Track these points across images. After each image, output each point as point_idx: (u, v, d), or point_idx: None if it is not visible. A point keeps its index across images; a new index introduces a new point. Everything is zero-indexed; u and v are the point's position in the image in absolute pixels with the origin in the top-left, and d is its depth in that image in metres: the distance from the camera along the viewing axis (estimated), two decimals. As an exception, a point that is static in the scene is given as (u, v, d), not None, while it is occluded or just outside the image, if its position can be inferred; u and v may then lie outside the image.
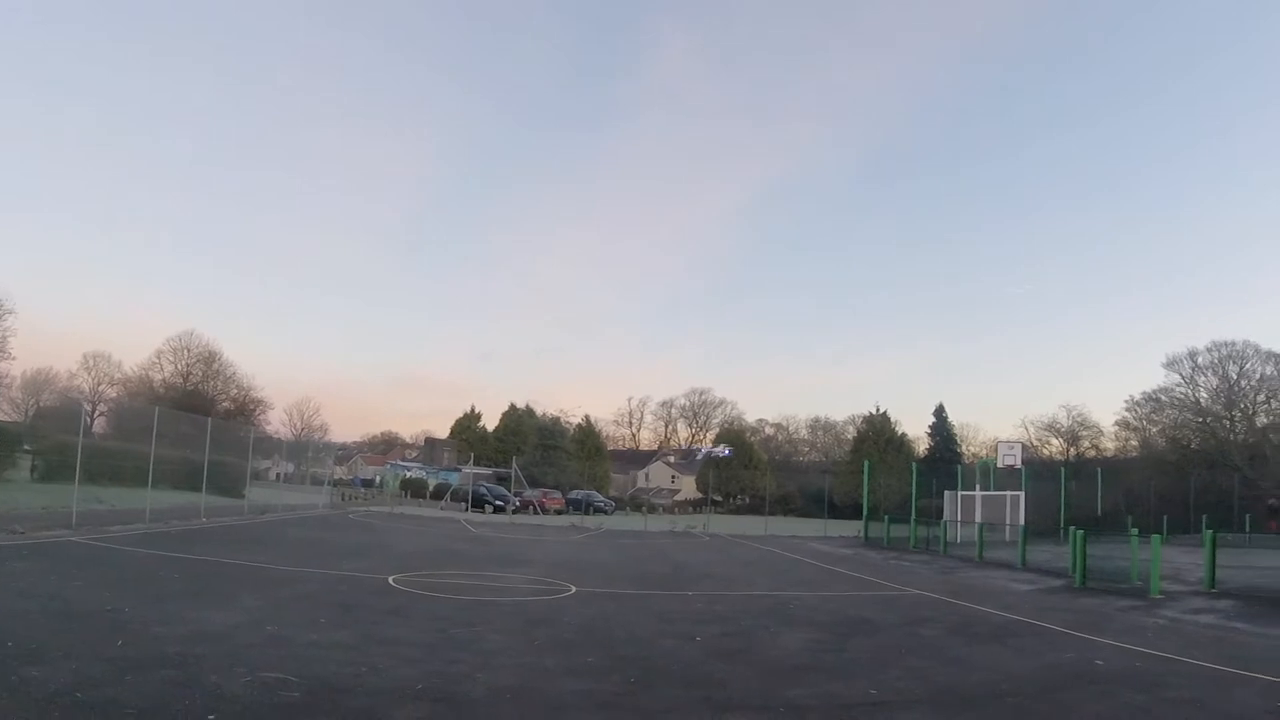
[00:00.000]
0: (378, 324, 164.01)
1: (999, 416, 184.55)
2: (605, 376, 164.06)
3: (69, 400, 65.97)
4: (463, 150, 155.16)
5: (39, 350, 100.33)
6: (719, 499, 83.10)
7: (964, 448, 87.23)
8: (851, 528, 45.15)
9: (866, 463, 49.38)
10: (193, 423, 32.84)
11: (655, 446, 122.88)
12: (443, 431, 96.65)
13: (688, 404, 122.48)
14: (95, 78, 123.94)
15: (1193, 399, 68.09)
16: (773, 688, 8.62)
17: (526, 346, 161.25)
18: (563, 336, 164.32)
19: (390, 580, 15.96)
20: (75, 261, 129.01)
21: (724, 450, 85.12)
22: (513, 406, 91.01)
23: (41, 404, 66.57)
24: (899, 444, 79.00)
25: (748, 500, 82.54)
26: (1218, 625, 14.37)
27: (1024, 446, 49.78)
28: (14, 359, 54.93)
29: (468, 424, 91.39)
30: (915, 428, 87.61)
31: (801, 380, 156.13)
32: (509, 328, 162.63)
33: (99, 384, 77.21)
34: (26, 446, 38.28)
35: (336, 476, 71.73)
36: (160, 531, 22.35)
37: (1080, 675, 9.83)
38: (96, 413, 66.53)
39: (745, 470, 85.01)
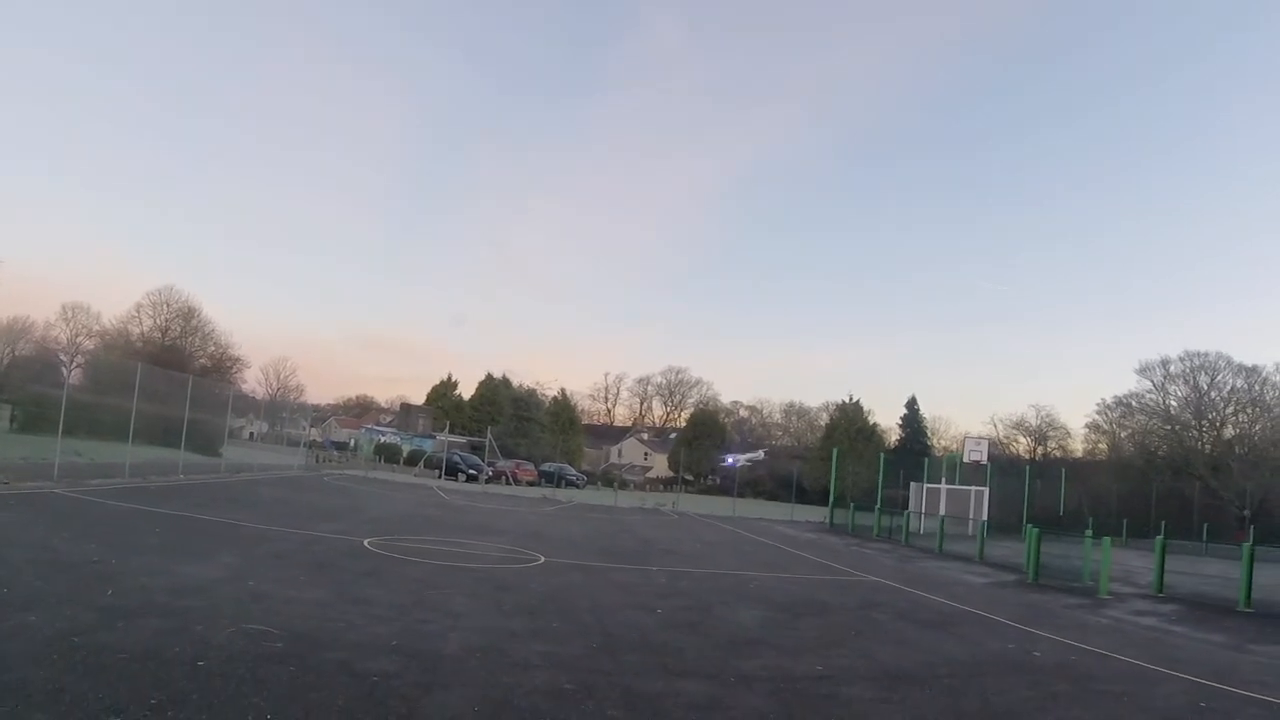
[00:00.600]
0: (356, 287, 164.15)
1: (971, 411, 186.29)
2: (582, 350, 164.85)
3: (46, 351, 65.83)
4: (442, 114, 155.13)
5: (15, 298, 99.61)
6: (690, 478, 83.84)
7: (935, 440, 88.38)
8: (819, 513, 45.90)
9: (835, 450, 50.04)
10: (173, 379, 33.06)
11: (630, 423, 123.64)
12: (418, 398, 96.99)
13: (664, 382, 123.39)
14: (75, 28, 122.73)
15: (1162, 406, 69.33)
16: (726, 659, 9.17)
17: (503, 315, 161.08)
18: (540, 308, 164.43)
19: (365, 543, 16.42)
20: (56, 211, 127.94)
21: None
22: (489, 376, 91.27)
23: (17, 353, 66.27)
24: (870, 433, 79.59)
25: (718, 481, 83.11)
26: (1157, 627, 14.92)
27: (992, 443, 50.58)
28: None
29: (444, 391, 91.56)
30: (888, 418, 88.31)
31: (778, 364, 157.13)
32: (486, 296, 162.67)
33: (77, 335, 76.04)
34: (5, 396, 38.38)
35: (311, 438, 71.94)
36: (140, 486, 22.79)
37: (1016, 663, 10.41)
38: (74, 364, 66.39)
39: (717, 451, 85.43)
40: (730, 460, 79.37)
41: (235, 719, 5.57)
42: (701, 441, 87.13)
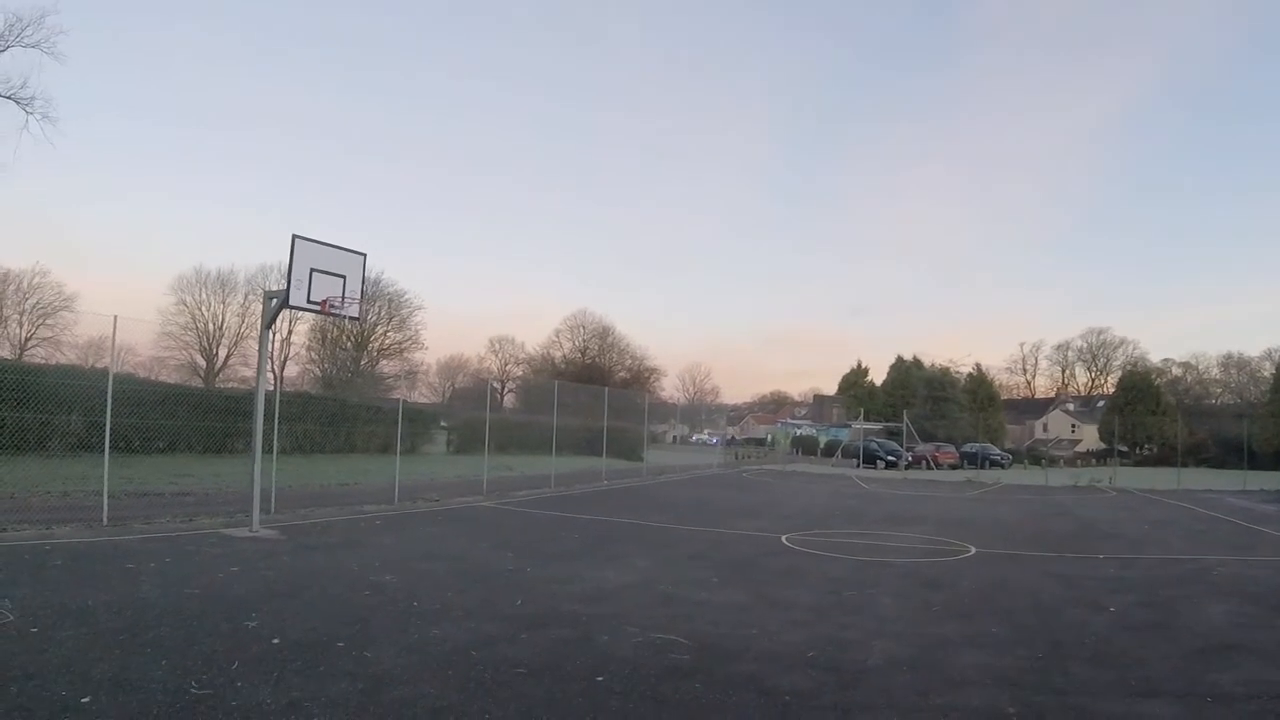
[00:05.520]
0: (757, 289, 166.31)
1: None
2: (993, 322, 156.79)
3: (480, 381, 73.64)
4: (814, 101, 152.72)
5: (450, 339, 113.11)
6: (1124, 449, 77.43)
7: None
8: (1276, 480, 40.61)
9: (1287, 403, 44.14)
10: (590, 393, 35.17)
11: (1052, 393, 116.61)
12: (830, 388, 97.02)
13: (1084, 346, 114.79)
14: (455, 81, 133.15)
15: None
16: (1196, 670, 7.68)
17: (905, 296, 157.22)
18: (941, 283, 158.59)
19: (783, 539, 16.21)
20: (475, 258, 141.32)
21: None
22: (899, 359, 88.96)
23: (456, 386, 75.25)
24: (1327, 379, 69.57)
25: (1155, 450, 75.94)
26: None
27: None
28: (427, 349, 64.92)
29: (854, 379, 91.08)
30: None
31: (1210, 313, 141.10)
32: (885, 278, 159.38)
33: (505, 364, 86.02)
34: (443, 424, 43.04)
35: (729, 436, 74.09)
36: (563, 495, 24.17)
37: None
38: (505, 389, 74.11)
39: (1151, 416, 77.81)
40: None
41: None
42: (1135, 407, 79.89)
